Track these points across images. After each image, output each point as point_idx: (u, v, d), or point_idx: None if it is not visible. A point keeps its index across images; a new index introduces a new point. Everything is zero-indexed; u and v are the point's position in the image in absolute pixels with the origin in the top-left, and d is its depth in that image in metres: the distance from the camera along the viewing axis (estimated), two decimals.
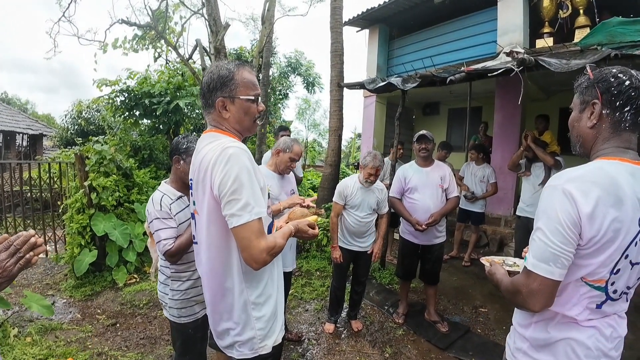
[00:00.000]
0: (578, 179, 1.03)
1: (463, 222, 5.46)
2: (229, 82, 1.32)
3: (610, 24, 3.53)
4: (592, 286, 1.06)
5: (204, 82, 1.35)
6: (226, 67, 1.35)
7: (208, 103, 1.35)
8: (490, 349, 3.09)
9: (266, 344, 1.37)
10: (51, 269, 4.83)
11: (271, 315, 1.39)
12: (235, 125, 1.37)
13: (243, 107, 1.35)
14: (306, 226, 1.46)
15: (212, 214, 1.28)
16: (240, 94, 1.34)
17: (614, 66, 1.16)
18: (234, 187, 1.19)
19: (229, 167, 1.20)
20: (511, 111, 5.95)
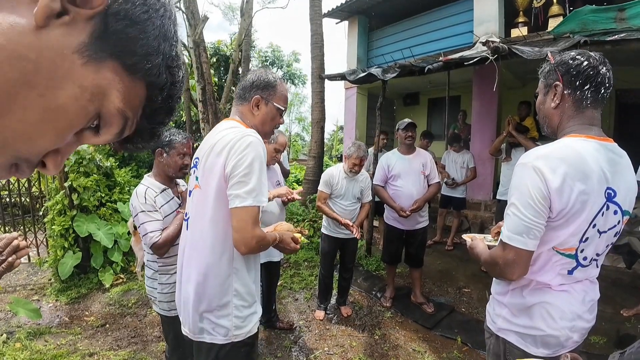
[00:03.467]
0: (546, 156, 1.12)
1: (445, 208, 5.62)
2: (271, 87, 1.47)
3: (582, 12, 3.66)
4: (563, 254, 1.15)
5: (249, 78, 1.49)
6: (273, 75, 1.51)
7: (244, 96, 1.48)
8: (474, 326, 3.24)
9: (241, 333, 1.40)
10: (35, 273, 4.72)
11: (250, 304, 1.43)
12: (259, 125, 1.48)
13: (272, 112, 1.48)
14: (289, 239, 1.55)
15: (221, 192, 1.33)
16: (275, 100, 1.48)
17: (572, 50, 1.25)
18: (245, 171, 1.27)
19: (247, 152, 1.28)
20: (488, 99, 6.12)
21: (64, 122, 0.34)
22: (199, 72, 6.13)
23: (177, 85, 0.44)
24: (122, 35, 0.36)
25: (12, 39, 0.30)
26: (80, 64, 0.34)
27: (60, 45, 0.32)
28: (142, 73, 0.39)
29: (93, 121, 0.37)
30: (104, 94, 0.36)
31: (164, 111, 0.44)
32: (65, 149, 0.38)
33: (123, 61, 0.37)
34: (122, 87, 0.38)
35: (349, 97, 8.57)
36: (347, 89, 8.58)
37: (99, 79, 0.35)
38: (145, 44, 0.37)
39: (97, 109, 0.37)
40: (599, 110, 1.19)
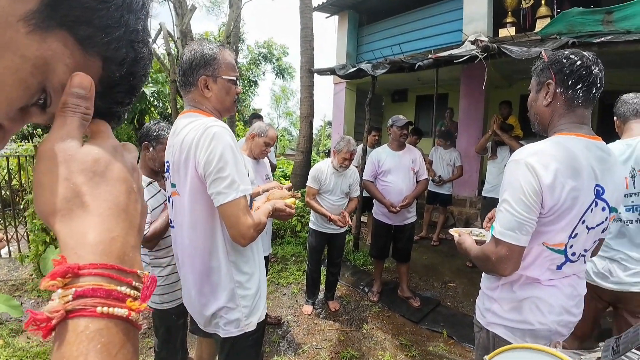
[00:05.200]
0: (539, 153, 1.14)
1: (431, 204, 5.69)
2: (213, 61, 1.33)
3: (570, 14, 3.73)
4: (553, 249, 1.18)
5: (186, 59, 1.34)
6: (209, 46, 1.35)
7: (189, 81, 1.34)
8: (459, 320, 3.31)
9: (251, 321, 1.41)
10: (15, 269, 4.57)
11: (255, 292, 1.43)
12: (217, 104, 1.38)
13: (225, 86, 1.37)
14: (284, 205, 1.52)
15: (196, 194, 1.29)
16: (222, 73, 1.35)
17: (566, 49, 1.27)
18: (219, 166, 1.21)
19: (214, 146, 1.21)
20: (476, 98, 6.20)
21: (1, 94, 0.31)
22: None
23: (141, 62, 0.40)
24: (76, 4, 0.33)
25: None
26: (24, 32, 0.31)
27: (5, 13, 0.30)
28: (97, 47, 0.35)
29: (39, 96, 0.34)
30: (49, 68, 0.33)
31: (123, 89, 0.40)
32: (9, 125, 0.35)
33: (75, 32, 0.34)
34: (71, 62, 0.34)
35: (338, 92, 8.56)
36: (336, 84, 8.56)
37: (44, 49, 0.32)
38: (104, 14, 0.34)
39: (40, 83, 0.33)
40: (589, 109, 1.21)
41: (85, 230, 0.31)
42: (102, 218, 0.32)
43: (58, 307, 0.28)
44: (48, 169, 0.33)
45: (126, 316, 0.30)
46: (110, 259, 0.31)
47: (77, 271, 0.29)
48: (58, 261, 0.30)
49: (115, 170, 0.35)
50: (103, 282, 0.30)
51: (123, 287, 0.31)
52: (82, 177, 0.33)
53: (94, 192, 0.33)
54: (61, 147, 0.33)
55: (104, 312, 0.29)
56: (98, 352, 0.28)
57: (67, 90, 0.35)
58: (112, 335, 0.29)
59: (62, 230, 0.32)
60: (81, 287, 0.29)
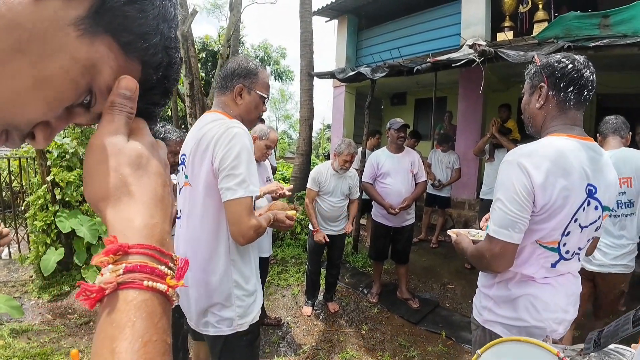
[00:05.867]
0: (531, 154, 1.17)
1: (430, 207, 5.72)
2: (253, 75, 1.46)
3: (567, 18, 3.76)
4: (546, 247, 1.21)
5: (230, 66, 1.47)
6: (254, 62, 1.50)
7: (226, 85, 1.46)
8: (458, 321, 3.34)
9: (245, 322, 1.43)
10: (16, 270, 4.59)
11: (251, 293, 1.45)
12: (243, 113, 1.47)
13: (256, 100, 1.48)
14: (284, 217, 1.58)
15: (210, 188, 1.34)
16: (257, 88, 1.47)
17: (558, 53, 1.31)
18: (234, 163, 1.27)
19: (233, 144, 1.28)
20: (474, 101, 6.25)
21: (54, 92, 0.35)
22: (187, 66, 6.05)
23: (174, 66, 0.44)
24: (119, 12, 0.36)
25: (12, 8, 0.31)
26: (74, 36, 0.34)
27: (57, 17, 0.33)
28: (137, 52, 0.39)
29: (85, 97, 0.38)
30: (96, 69, 0.37)
31: (158, 92, 0.45)
32: (56, 123, 0.38)
33: (118, 38, 0.37)
34: (115, 65, 0.38)
35: (337, 95, 8.61)
36: (336, 88, 8.61)
37: (92, 52, 0.36)
38: (143, 23, 0.38)
39: (88, 84, 0.37)
40: (581, 111, 1.25)
41: (132, 216, 0.36)
42: (145, 206, 0.37)
43: (111, 279, 0.32)
44: (99, 159, 0.37)
45: (165, 291, 0.34)
46: (153, 241, 0.35)
47: (127, 250, 0.33)
48: (110, 240, 0.34)
49: (154, 165, 0.40)
50: (148, 261, 0.34)
51: (162, 266, 0.35)
52: (129, 169, 0.37)
53: (138, 183, 0.37)
54: (111, 141, 0.38)
55: (149, 286, 0.33)
56: (144, 320, 0.32)
57: (115, 91, 0.39)
58: (154, 306, 0.33)
59: (110, 214, 0.36)
60: (130, 264, 0.33)
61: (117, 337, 0.30)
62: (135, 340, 0.30)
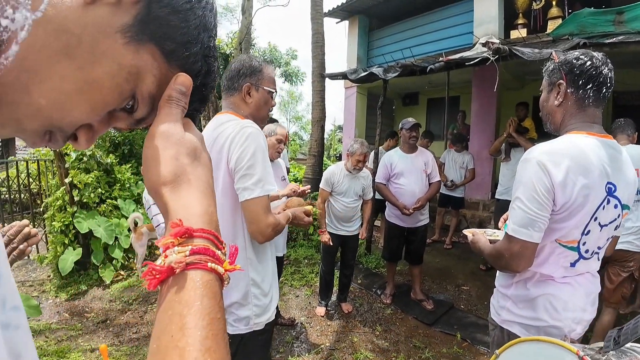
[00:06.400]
0: (550, 152, 1.15)
1: (444, 207, 5.67)
2: (258, 72, 1.48)
3: (581, 14, 3.70)
4: (566, 246, 1.19)
5: (234, 67, 1.49)
6: (257, 60, 1.51)
7: (233, 86, 1.48)
8: (473, 322, 3.29)
9: (261, 321, 1.44)
10: (34, 270, 4.71)
11: (267, 292, 1.46)
12: (254, 111, 1.49)
13: (264, 96, 1.49)
14: (302, 214, 1.59)
15: (226, 188, 1.36)
16: (264, 84, 1.48)
17: (576, 50, 1.29)
18: (249, 163, 1.29)
19: (247, 144, 1.30)
20: (487, 100, 6.17)
21: (99, 96, 0.36)
22: None
23: (212, 75, 0.46)
24: (164, 21, 0.38)
25: (61, 13, 0.32)
26: (121, 43, 0.36)
27: (105, 24, 0.35)
28: (179, 60, 0.41)
29: (128, 102, 0.39)
30: (140, 76, 0.38)
31: (197, 98, 0.46)
32: (99, 126, 0.40)
33: (162, 47, 0.39)
34: (157, 73, 0.39)
35: (349, 96, 8.61)
36: (347, 89, 8.61)
37: (137, 60, 0.37)
38: (185, 32, 0.40)
39: (131, 90, 0.38)
40: (600, 108, 1.23)
41: (192, 202, 0.38)
42: (203, 194, 0.39)
43: (181, 259, 0.34)
44: (161, 146, 0.39)
45: (223, 273, 0.37)
46: (211, 227, 0.38)
47: (192, 233, 0.35)
48: (176, 223, 0.35)
49: (206, 157, 0.43)
50: (209, 245, 0.36)
51: (219, 251, 0.37)
52: (187, 159, 0.40)
53: (195, 172, 0.40)
54: (172, 131, 0.40)
55: (213, 268, 0.35)
56: (210, 298, 0.34)
57: (172, 86, 0.41)
58: (216, 287, 0.35)
59: (171, 199, 0.38)
60: (196, 246, 0.35)
61: (185, 314, 0.32)
62: (203, 317, 0.32)
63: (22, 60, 0.32)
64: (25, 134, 0.36)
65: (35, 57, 0.32)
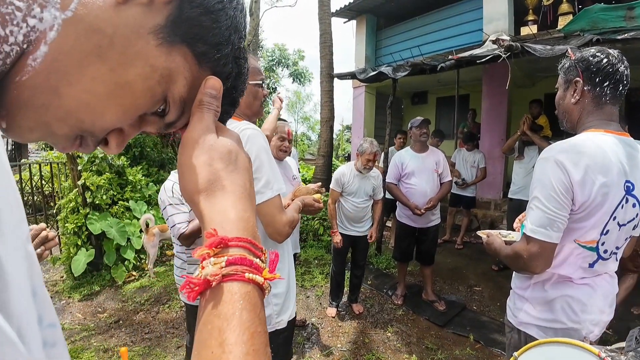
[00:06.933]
0: (568, 150, 1.13)
1: (455, 207, 5.61)
2: None
3: (592, 10, 3.63)
4: (585, 247, 1.16)
5: None
6: None
7: None
8: (486, 324, 3.25)
9: (282, 319, 1.44)
10: (47, 271, 4.79)
11: (286, 291, 1.46)
12: (246, 109, 1.46)
13: (252, 91, 1.45)
14: (312, 201, 1.57)
15: None
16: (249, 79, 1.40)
17: (592, 47, 1.26)
18: (255, 166, 1.26)
19: (249, 147, 1.27)
20: (498, 98, 6.09)
21: (131, 99, 0.35)
22: None
23: (242, 77, 0.45)
24: (196, 22, 0.37)
25: (92, 12, 0.31)
26: (154, 44, 0.35)
27: (137, 24, 0.33)
28: (210, 63, 0.39)
29: (159, 105, 0.38)
30: (172, 79, 0.37)
31: (227, 101, 0.45)
32: (129, 130, 0.39)
33: (194, 48, 0.38)
34: (189, 75, 0.38)
35: (357, 96, 8.58)
36: (355, 88, 8.58)
37: (170, 61, 0.36)
38: (217, 33, 0.38)
39: (163, 93, 0.37)
40: (617, 106, 1.21)
41: (227, 209, 0.36)
42: (238, 199, 0.38)
43: (216, 271, 0.32)
44: (194, 154, 0.38)
45: (262, 283, 0.35)
46: (248, 234, 0.36)
47: (227, 243, 0.34)
48: (210, 233, 0.34)
49: (242, 160, 0.41)
50: (246, 254, 0.35)
51: (257, 259, 0.36)
52: (221, 164, 0.38)
53: (229, 177, 0.38)
54: (204, 137, 0.39)
55: (250, 278, 0.34)
56: (249, 311, 0.32)
57: (202, 90, 0.40)
58: (255, 297, 0.34)
59: (206, 207, 0.37)
60: (232, 256, 0.34)
61: (224, 329, 0.31)
62: (243, 331, 0.31)
63: (52, 61, 0.31)
64: (55, 139, 0.35)
65: (65, 59, 0.31)
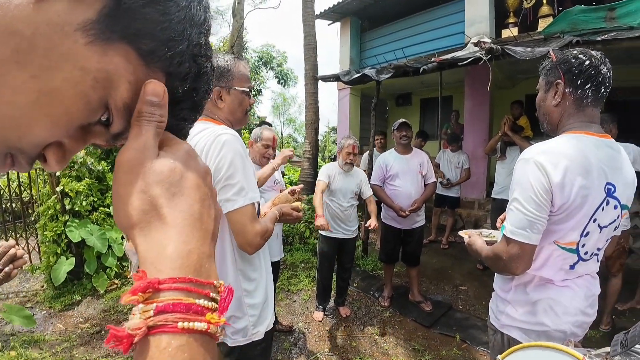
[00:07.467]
0: (548, 152, 1.13)
1: (440, 207, 5.66)
2: (227, 73, 1.37)
3: (572, 12, 3.71)
4: (565, 248, 1.17)
5: None
6: (224, 58, 1.40)
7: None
8: (472, 323, 3.28)
9: (259, 330, 1.40)
10: (27, 280, 4.63)
11: (262, 301, 1.42)
12: (229, 115, 1.41)
13: (238, 98, 1.40)
14: (290, 209, 1.53)
15: None
16: (235, 85, 1.39)
17: (574, 48, 1.27)
18: (229, 173, 1.22)
19: (224, 153, 1.23)
20: (480, 99, 6.18)
21: (60, 108, 0.30)
22: None
23: (204, 77, 0.39)
24: (138, 15, 0.31)
25: (8, 13, 0.27)
26: (82, 43, 0.29)
27: (61, 21, 0.28)
28: (160, 62, 0.34)
29: (101, 114, 0.33)
30: (111, 83, 0.32)
31: (187, 106, 0.39)
32: (71, 144, 0.34)
33: (138, 46, 0.32)
34: (134, 78, 0.33)
35: (342, 98, 8.60)
36: (340, 90, 8.60)
37: (106, 62, 0.31)
38: (167, 27, 0.33)
39: (102, 99, 0.32)
40: (598, 108, 1.21)
41: (163, 243, 0.31)
42: (179, 230, 0.32)
43: (140, 324, 0.28)
44: (126, 181, 0.33)
45: (205, 329, 0.30)
46: (189, 272, 0.31)
47: (158, 286, 0.29)
48: (139, 276, 0.30)
49: (190, 178, 0.35)
50: (182, 297, 0.30)
51: (201, 299, 0.31)
52: (159, 189, 0.33)
53: (170, 204, 0.33)
54: (139, 159, 0.33)
55: (185, 327, 0.29)
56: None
57: (142, 98, 0.34)
58: (192, 349, 0.29)
59: (141, 243, 0.32)
60: (162, 302, 0.29)
61: None
62: None
63: None
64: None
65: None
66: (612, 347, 0.91)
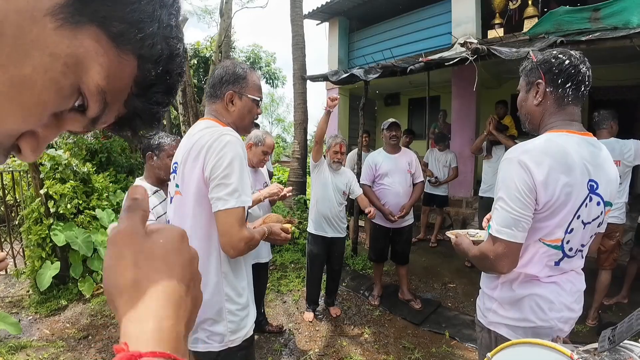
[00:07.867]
0: (531, 151, 1.15)
1: (428, 206, 5.72)
2: (242, 80, 1.42)
3: (557, 13, 3.78)
4: (550, 245, 1.19)
5: (217, 74, 1.43)
6: (241, 66, 1.45)
7: (216, 94, 1.42)
8: (461, 320, 3.33)
9: (237, 337, 1.38)
10: (12, 285, 4.51)
11: (243, 307, 1.40)
12: (237, 120, 1.43)
13: (248, 105, 1.43)
14: (279, 230, 1.54)
15: (201, 197, 1.30)
16: (248, 92, 1.42)
17: (554, 49, 1.29)
18: (225, 172, 1.23)
19: (224, 153, 1.24)
20: (467, 99, 6.27)
21: (32, 97, 0.29)
22: None
23: (176, 59, 0.38)
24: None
25: None
26: (51, 28, 0.29)
27: (30, 7, 0.28)
28: (131, 44, 0.33)
29: (74, 100, 0.33)
30: (82, 67, 0.31)
31: (161, 89, 0.39)
32: (45, 132, 0.33)
33: (107, 28, 0.32)
34: (105, 61, 0.32)
35: None
36: (329, 90, 8.60)
37: (75, 47, 0.30)
38: (136, 8, 0.32)
39: (73, 85, 0.31)
40: (579, 106, 1.24)
41: (145, 318, 0.33)
42: (160, 306, 0.34)
43: None
44: (118, 254, 0.35)
45: None
46: (168, 347, 0.32)
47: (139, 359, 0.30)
48: (121, 348, 0.30)
49: (175, 259, 0.38)
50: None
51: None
52: (146, 267, 0.35)
53: (153, 280, 0.35)
54: (130, 237, 0.36)
55: None
56: None
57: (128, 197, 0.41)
58: None
59: (124, 314, 0.33)
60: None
61: None
62: None
63: None
64: None
65: None
66: (600, 342, 0.93)
